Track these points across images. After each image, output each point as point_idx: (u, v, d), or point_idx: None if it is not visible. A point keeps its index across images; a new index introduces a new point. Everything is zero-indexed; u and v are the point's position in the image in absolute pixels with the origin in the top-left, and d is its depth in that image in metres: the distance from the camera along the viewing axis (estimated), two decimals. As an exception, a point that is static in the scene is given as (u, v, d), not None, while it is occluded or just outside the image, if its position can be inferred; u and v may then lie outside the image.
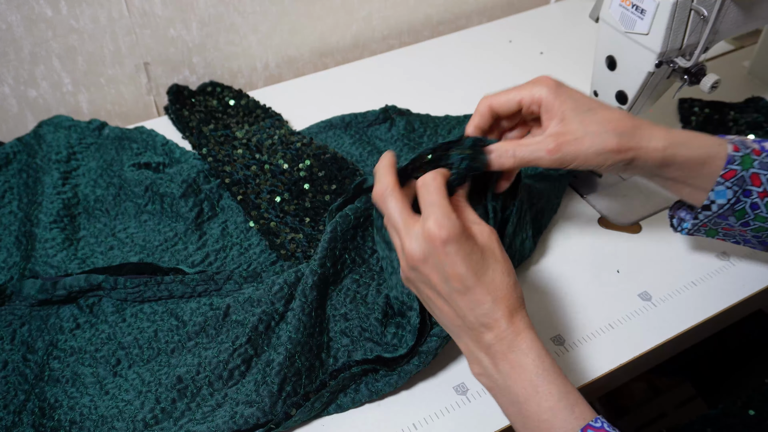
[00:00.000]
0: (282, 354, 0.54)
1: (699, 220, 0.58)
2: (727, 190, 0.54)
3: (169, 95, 0.86)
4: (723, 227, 0.58)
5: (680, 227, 0.61)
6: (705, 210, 0.56)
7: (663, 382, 0.97)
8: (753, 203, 0.54)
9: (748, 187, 0.54)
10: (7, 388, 0.56)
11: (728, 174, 0.53)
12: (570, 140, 0.51)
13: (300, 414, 0.53)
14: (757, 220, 0.55)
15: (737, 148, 0.54)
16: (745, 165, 0.53)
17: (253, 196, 0.72)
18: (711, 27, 0.61)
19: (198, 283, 0.62)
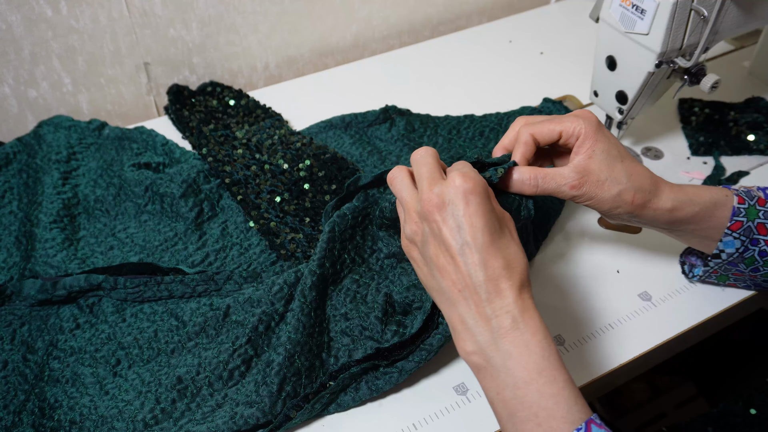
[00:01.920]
0: (281, 354, 0.54)
1: (710, 267, 0.60)
2: (735, 240, 0.56)
3: (169, 95, 0.86)
4: (733, 273, 0.60)
5: (691, 273, 0.64)
6: (715, 258, 0.58)
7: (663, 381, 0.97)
8: (761, 251, 0.56)
9: (755, 236, 0.56)
10: (7, 388, 0.56)
11: (735, 226, 0.55)
12: (593, 181, 0.52)
13: (300, 416, 0.53)
14: (766, 266, 0.57)
15: (742, 200, 0.56)
16: (750, 216, 0.56)
17: (253, 196, 0.72)
18: (711, 27, 0.61)
19: (198, 283, 0.62)
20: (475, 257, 0.44)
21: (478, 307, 0.45)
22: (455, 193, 0.45)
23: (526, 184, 0.53)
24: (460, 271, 0.45)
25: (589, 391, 0.58)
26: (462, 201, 0.45)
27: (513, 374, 0.43)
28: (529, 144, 0.54)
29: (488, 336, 0.44)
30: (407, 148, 0.79)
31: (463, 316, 0.45)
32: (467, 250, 0.45)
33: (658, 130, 0.83)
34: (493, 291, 0.44)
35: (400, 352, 0.55)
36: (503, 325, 0.44)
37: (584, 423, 0.41)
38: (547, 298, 0.64)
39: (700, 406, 0.94)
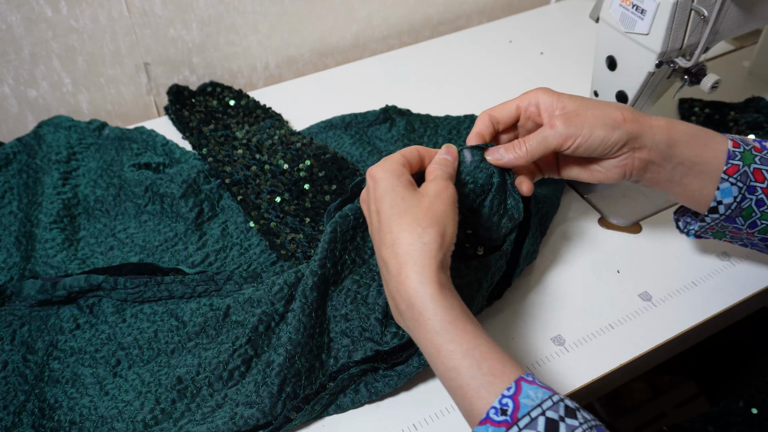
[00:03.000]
0: (282, 355, 0.54)
1: (706, 223, 0.57)
2: (732, 187, 0.54)
3: (169, 95, 0.86)
4: (730, 230, 0.58)
5: (686, 229, 0.61)
6: (712, 213, 0.56)
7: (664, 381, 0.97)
8: (759, 200, 0.54)
9: (752, 183, 0.54)
10: (7, 388, 0.56)
11: (731, 169, 0.53)
12: (572, 115, 0.52)
13: (300, 417, 0.53)
14: (763, 218, 0.55)
15: (737, 144, 0.54)
16: (746, 160, 0.54)
17: (253, 196, 0.72)
18: (711, 27, 0.61)
19: (198, 284, 0.62)
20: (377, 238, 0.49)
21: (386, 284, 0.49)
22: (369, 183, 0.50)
23: (517, 150, 0.53)
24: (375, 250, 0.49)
25: (589, 391, 0.58)
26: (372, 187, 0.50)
27: (424, 350, 0.46)
28: (486, 123, 0.56)
29: (397, 312, 0.48)
30: (407, 148, 0.79)
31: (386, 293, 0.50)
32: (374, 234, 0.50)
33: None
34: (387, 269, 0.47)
35: (399, 355, 0.55)
36: (400, 304, 0.46)
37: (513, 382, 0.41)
38: (547, 298, 0.64)
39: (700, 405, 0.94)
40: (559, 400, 0.41)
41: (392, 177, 0.49)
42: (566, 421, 0.40)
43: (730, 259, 0.67)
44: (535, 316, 0.62)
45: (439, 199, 0.48)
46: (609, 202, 0.73)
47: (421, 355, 0.55)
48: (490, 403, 0.41)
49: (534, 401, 0.41)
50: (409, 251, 0.45)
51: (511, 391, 0.41)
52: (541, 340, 0.60)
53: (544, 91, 0.55)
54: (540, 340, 0.60)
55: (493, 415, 0.41)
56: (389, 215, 0.47)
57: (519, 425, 0.40)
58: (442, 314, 0.44)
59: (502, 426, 0.40)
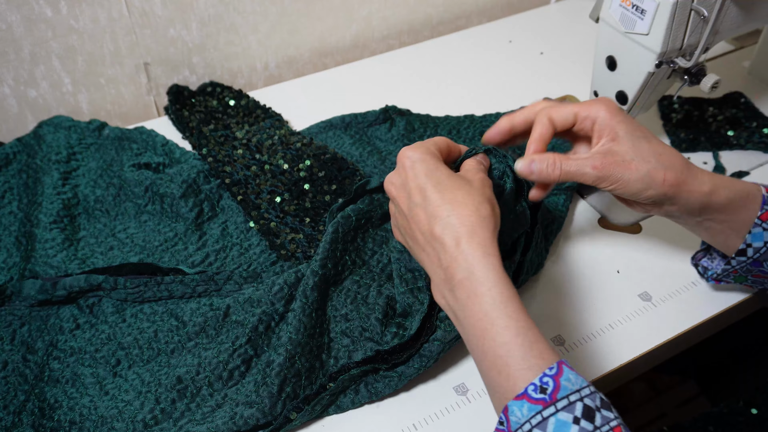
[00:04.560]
0: (282, 355, 0.54)
1: (731, 267, 0.57)
2: (765, 232, 0.53)
3: (169, 95, 0.86)
4: (754, 274, 0.57)
5: (707, 274, 0.61)
6: (740, 255, 0.55)
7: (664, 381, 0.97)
8: None
9: None
10: (7, 388, 0.56)
11: (765, 215, 0.53)
12: (618, 161, 0.50)
13: (300, 417, 0.53)
14: None
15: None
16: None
17: (253, 196, 0.72)
18: (711, 27, 0.61)
19: (198, 284, 0.62)
20: (423, 214, 0.48)
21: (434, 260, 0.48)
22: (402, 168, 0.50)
23: (550, 168, 0.51)
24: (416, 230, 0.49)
25: (590, 391, 0.58)
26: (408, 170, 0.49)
27: (471, 324, 0.45)
28: (546, 126, 0.53)
29: (447, 287, 0.47)
30: (407, 148, 0.79)
31: (428, 269, 0.49)
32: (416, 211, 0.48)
33: (654, 129, 0.83)
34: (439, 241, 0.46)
35: (400, 356, 0.55)
36: (456, 276, 0.45)
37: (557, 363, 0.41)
38: (547, 298, 0.64)
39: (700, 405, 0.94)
40: (595, 391, 0.41)
41: (432, 158, 0.50)
42: (602, 412, 0.40)
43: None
44: (535, 317, 0.62)
45: (486, 186, 0.50)
46: (609, 202, 0.73)
47: (422, 356, 0.55)
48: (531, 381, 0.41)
49: (574, 385, 0.41)
50: (468, 222, 0.46)
51: (553, 371, 0.41)
52: (541, 340, 0.60)
53: (606, 108, 0.51)
54: (540, 340, 0.60)
55: (532, 391, 0.41)
56: (439, 190, 0.47)
57: (557, 405, 0.40)
58: (502, 288, 0.44)
59: (539, 404, 0.40)
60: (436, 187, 0.48)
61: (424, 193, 0.48)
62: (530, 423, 0.40)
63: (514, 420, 0.41)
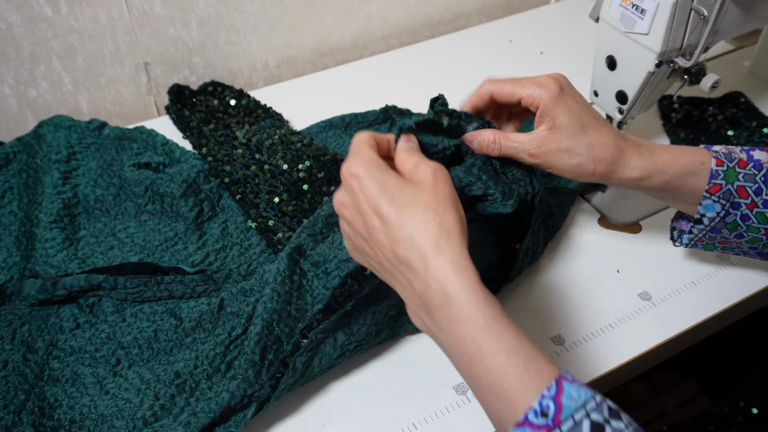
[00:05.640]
0: (259, 324, 0.54)
1: (694, 235, 0.58)
2: (715, 204, 0.54)
3: (170, 95, 0.86)
4: (719, 241, 0.58)
5: (679, 240, 0.61)
6: (698, 224, 0.56)
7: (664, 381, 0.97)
8: (743, 215, 0.55)
9: (736, 200, 0.54)
10: (7, 387, 0.56)
11: (713, 188, 0.54)
12: (552, 151, 0.53)
13: (285, 381, 0.53)
14: (750, 231, 0.55)
15: (720, 162, 0.54)
16: (729, 179, 0.54)
17: (252, 195, 0.72)
18: (711, 27, 0.61)
19: (198, 284, 0.62)
20: (383, 237, 0.43)
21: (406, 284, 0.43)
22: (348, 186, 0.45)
23: (490, 147, 0.54)
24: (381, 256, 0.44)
25: (589, 391, 0.58)
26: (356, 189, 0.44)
27: (458, 351, 0.41)
28: (483, 99, 0.56)
29: (424, 313, 0.43)
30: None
31: (401, 294, 0.45)
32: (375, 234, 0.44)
33: (654, 129, 0.83)
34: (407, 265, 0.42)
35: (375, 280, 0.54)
36: (432, 302, 0.42)
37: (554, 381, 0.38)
38: (547, 298, 0.64)
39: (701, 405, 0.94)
40: (602, 401, 0.38)
41: (377, 169, 0.44)
42: (612, 424, 0.37)
43: (729, 259, 0.67)
44: (535, 316, 0.62)
45: (439, 181, 0.44)
46: (609, 202, 0.73)
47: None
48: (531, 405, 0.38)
49: (577, 402, 0.38)
50: (433, 241, 0.41)
51: (552, 391, 0.38)
52: (541, 340, 0.60)
53: (550, 94, 0.53)
54: (540, 340, 0.60)
55: (533, 417, 0.38)
56: (395, 209, 0.43)
57: (561, 429, 0.37)
58: (484, 308, 0.40)
59: (542, 428, 0.37)
60: (391, 205, 0.43)
61: (380, 214, 0.43)
62: None
63: None
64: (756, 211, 0.54)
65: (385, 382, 0.58)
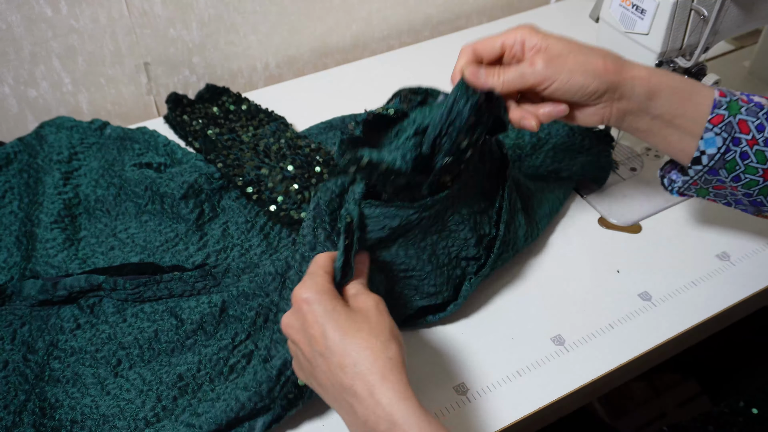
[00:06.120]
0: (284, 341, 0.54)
1: (690, 177, 0.56)
2: (717, 137, 0.53)
3: (168, 104, 0.85)
4: (714, 185, 0.56)
5: (671, 187, 0.59)
6: (695, 164, 0.55)
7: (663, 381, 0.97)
8: (743, 152, 0.53)
9: (737, 134, 0.53)
10: (8, 388, 0.56)
11: (716, 119, 0.52)
12: (555, 56, 0.51)
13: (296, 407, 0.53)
14: (747, 172, 0.54)
15: (723, 94, 0.53)
16: (732, 110, 0.53)
17: (268, 192, 0.72)
18: (711, 27, 0.61)
19: (197, 280, 0.62)
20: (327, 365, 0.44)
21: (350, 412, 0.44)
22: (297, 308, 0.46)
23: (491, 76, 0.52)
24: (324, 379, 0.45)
25: (589, 391, 0.58)
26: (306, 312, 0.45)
27: None
28: (468, 57, 0.54)
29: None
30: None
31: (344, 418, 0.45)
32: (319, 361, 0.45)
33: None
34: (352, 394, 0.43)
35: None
36: (378, 428, 0.42)
37: None
38: (547, 298, 0.64)
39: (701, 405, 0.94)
40: None
41: (328, 298, 0.46)
42: None
43: (730, 259, 0.67)
44: (535, 316, 0.62)
45: (381, 313, 0.47)
46: (609, 202, 0.73)
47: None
48: None
49: None
50: (377, 369, 0.43)
51: None
52: (541, 340, 0.60)
53: (530, 30, 0.53)
54: (540, 340, 0.60)
55: None
56: (340, 336, 0.44)
57: None
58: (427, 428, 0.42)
59: None
60: (336, 331, 0.44)
61: (326, 341, 0.44)
62: None
63: None
64: (756, 148, 0.52)
65: (385, 382, 0.58)
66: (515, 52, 0.54)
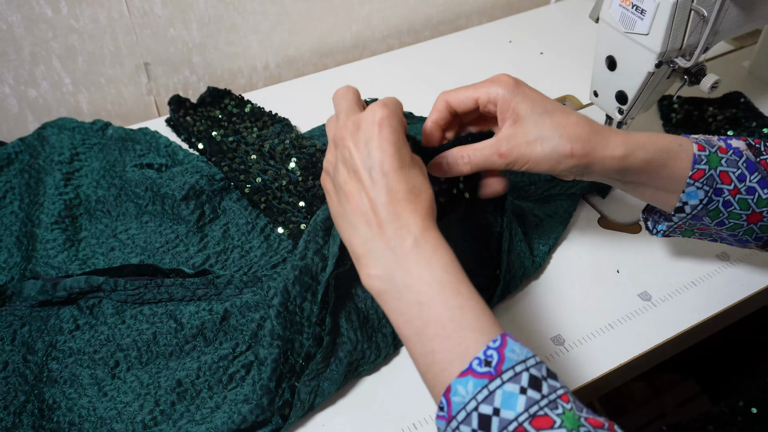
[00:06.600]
0: (275, 352, 0.54)
1: (674, 223, 0.56)
2: (698, 191, 0.53)
3: (170, 105, 0.84)
4: (698, 227, 0.57)
5: (655, 230, 0.60)
6: (678, 212, 0.55)
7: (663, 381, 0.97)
8: (725, 201, 0.53)
9: (719, 186, 0.53)
10: (8, 389, 0.56)
11: (697, 174, 0.52)
12: (522, 143, 0.50)
13: (295, 414, 0.53)
14: (731, 218, 0.54)
15: (702, 147, 0.53)
16: (712, 163, 0.53)
17: (276, 201, 0.72)
18: (711, 27, 0.61)
19: (198, 287, 0.62)
20: (380, 181, 0.44)
21: (379, 229, 0.44)
22: (370, 120, 0.45)
23: (461, 164, 0.51)
24: (364, 195, 0.45)
25: (589, 391, 0.58)
26: (375, 127, 0.45)
27: (416, 291, 0.43)
28: (442, 111, 0.54)
29: (390, 256, 0.44)
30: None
31: (365, 239, 0.45)
32: (374, 174, 0.45)
33: (654, 129, 0.83)
34: (394, 213, 0.44)
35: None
36: (404, 244, 0.44)
37: (500, 336, 0.41)
38: (547, 298, 0.64)
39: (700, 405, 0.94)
40: (541, 361, 0.41)
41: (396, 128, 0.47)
42: (548, 381, 0.39)
43: (729, 259, 0.67)
44: (535, 316, 0.62)
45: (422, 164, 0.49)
46: (609, 202, 0.73)
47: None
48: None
49: (519, 356, 0.40)
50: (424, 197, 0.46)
51: (497, 343, 0.40)
52: (541, 340, 0.60)
53: (505, 87, 0.51)
54: (540, 340, 0.60)
55: (477, 366, 0.40)
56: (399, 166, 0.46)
57: (502, 378, 0.39)
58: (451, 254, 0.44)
59: (484, 377, 0.39)
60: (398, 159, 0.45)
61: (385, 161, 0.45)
62: (476, 399, 0.39)
63: (457, 400, 0.39)
64: (739, 197, 0.53)
65: (385, 383, 0.58)
66: (489, 110, 0.53)
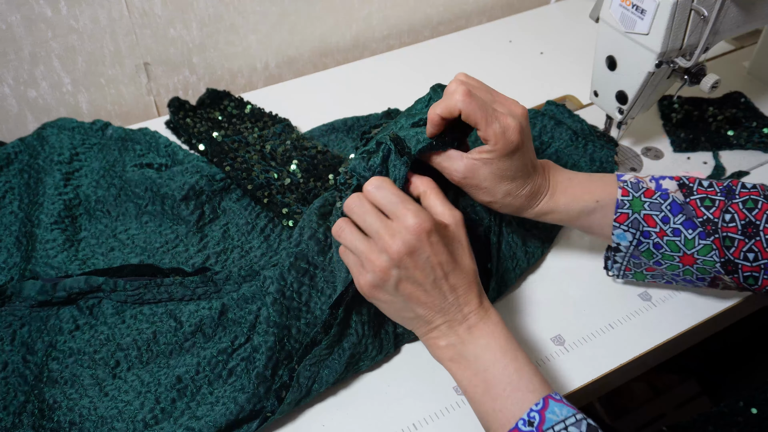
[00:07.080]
0: (270, 340, 0.54)
1: (620, 263, 0.60)
2: (625, 233, 0.57)
3: (170, 107, 0.84)
4: (646, 269, 0.59)
5: (612, 272, 0.63)
6: (616, 251, 0.59)
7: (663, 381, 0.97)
8: (655, 243, 0.56)
9: (645, 228, 0.56)
10: (7, 389, 0.56)
11: (621, 218, 0.56)
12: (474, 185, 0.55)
13: (291, 395, 0.53)
14: (665, 258, 0.57)
15: (626, 192, 0.56)
16: (635, 208, 0.56)
17: (279, 196, 0.71)
18: (711, 27, 0.61)
19: (198, 285, 0.62)
20: (445, 286, 0.50)
21: (453, 319, 0.51)
22: (419, 239, 0.48)
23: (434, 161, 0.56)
24: (434, 299, 0.50)
25: (589, 391, 0.58)
26: (426, 244, 0.48)
27: (483, 359, 0.49)
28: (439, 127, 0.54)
29: (462, 333, 0.51)
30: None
31: (439, 327, 0.51)
32: (440, 283, 0.50)
33: (654, 129, 0.83)
34: (463, 303, 0.51)
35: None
36: (472, 323, 0.51)
37: (542, 398, 0.47)
38: (548, 298, 0.64)
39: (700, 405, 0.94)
40: (582, 418, 0.45)
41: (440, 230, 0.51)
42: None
43: (730, 259, 0.67)
44: (535, 316, 0.62)
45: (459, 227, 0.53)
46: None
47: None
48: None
49: (558, 417, 0.45)
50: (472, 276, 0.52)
51: (539, 406, 0.46)
52: (541, 340, 0.60)
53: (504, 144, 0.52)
54: (540, 340, 0.60)
55: (522, 425, 0.46)
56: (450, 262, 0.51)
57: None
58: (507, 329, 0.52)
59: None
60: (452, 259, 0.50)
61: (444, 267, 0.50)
62: None
63: None
64: (666, 239, 0.56)
65: (385, 382, 0.58)
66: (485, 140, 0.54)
